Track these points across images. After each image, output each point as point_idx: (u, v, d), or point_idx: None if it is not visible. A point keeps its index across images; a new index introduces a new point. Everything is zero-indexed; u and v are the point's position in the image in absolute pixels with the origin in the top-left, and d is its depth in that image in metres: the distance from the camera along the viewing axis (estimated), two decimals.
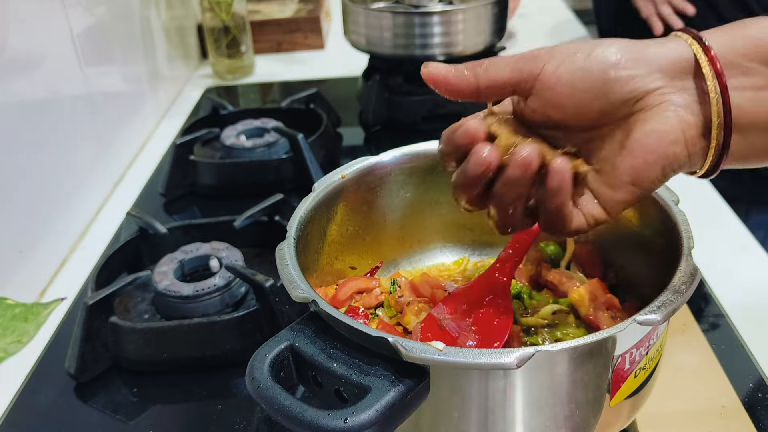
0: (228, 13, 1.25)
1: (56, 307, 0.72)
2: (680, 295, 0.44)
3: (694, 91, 0.41)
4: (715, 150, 0.41)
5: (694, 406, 0.58)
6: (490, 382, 0.43)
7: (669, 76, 0.41)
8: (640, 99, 0.41)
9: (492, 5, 1.03)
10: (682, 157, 0.41)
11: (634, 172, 0.42)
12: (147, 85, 1.17)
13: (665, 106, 0.41)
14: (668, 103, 0.41)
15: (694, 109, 0.41)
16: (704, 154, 0.42)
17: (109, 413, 0.61)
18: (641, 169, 0.42)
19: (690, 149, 0.41)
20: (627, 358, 0.45)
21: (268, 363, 0.43)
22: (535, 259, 0.64)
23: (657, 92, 0.41)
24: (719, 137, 0.41)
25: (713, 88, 0.40)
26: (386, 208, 0.64)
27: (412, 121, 1.05)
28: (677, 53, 0.41)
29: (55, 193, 0.84)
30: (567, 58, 0.42)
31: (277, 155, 0.96)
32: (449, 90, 0.44)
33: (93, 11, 0.97)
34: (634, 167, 0.42)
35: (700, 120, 0.41)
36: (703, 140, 0.41)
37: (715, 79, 0.40)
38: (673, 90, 0.41)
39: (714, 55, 0.40)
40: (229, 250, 0.72)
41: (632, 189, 0.42)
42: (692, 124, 0.41)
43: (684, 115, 0.41)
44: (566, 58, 0.42)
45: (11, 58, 0.77)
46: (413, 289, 0.60)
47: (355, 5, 1.05)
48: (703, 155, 0.42)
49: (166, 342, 0.64)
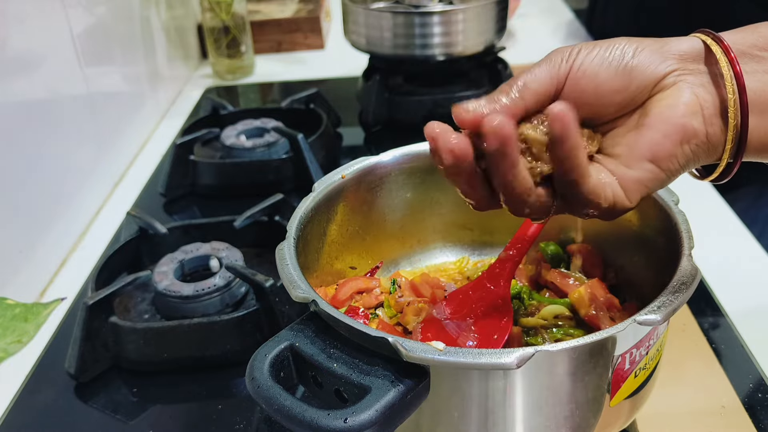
0: (228, 13, 1.25)
1: (56, 307, 0.72)
2: (680, 295, 0.44)
3: (707, 75, 0.42)
4: (734, 131, 0.41)
5: (694, 406, 0.58)
6: (490, 382, 0.43)
7: (683, 61, 0.42)
8: (657, 83, 0.42)
9: (492, 5, 1.03)
10: (701, 133, 0.41)
11: (652, 147, 0.41)
12: (147, 85, 1.17)
13: (681, 85, 0.42)
14: (684, 83, 0.42)
15: (710, 89, 0.42)
16: (723, 136, 0.42)
17: (109, 413, 0.61)
18: (659, 144, 0.41)
19: (708, 127, 0.41)
20: (627, 358, 0.45)
21: (268, 363, 0.43)
22: (535, 259, 0.64)
23: (673, 74, 0.42)
24: (737, 116, 0.41)
25: (726, 68, 0.41)
26: (386, 208, 0.64)
27: (412, 121, 1.06)
28: (689, 45, 0.43)
29: (55, 193, 0.84)
30: (588, 55, 0.43)
31: (277, 155, 0.96)
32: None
33: (93, 11, 0.97)
34: (652, 141, 0.41)
35: (716, 99, 0.42)
36: (720, 120, 0.42)
37: (727, 61, 0.41)
38: (688, 72, 0.42)
39: (726, 45, 0.42)
40: (229, 250, 0.72)
41: (650, 167, 0.41)
42: (709, 101, 0.42)
43: (700, 92, 0.42)
44: (587, 54, 0.43)
45: (11, 58, 0.77)
46: (413, 289, 0.60)
47: (355, 5, 1.05)
48: (722, 138, 0.42)
49: (166, 342, 0.64)
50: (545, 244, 0.64)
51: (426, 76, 1.08)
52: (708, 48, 0.42)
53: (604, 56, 0.42)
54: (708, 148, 0.42)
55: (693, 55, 0.42)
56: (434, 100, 1.05)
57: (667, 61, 0.42)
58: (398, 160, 0.63)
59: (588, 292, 0.56)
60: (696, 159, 0.42)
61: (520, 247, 0.59)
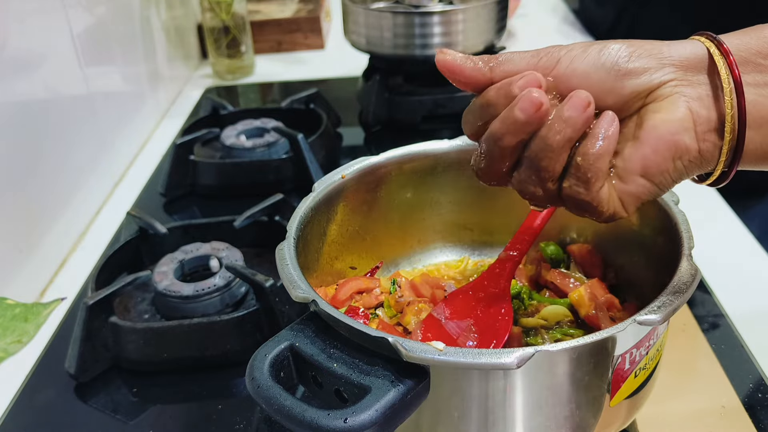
0: (228, 13, 1.25)
1: (56, 307, 0.72)
2: (680, 295, 0.44)
3: (707, 86, 0.41)
4: (729, 145, 0.41)
5: (694, 406, 0.58)
6: (490, 382, 0.43)
7: (682, 69, 0.41)
8: (652, 91, 0.41)
9: (492, 5, 1.03)
10: (693, 150, 0.41)
11: (644, 162, 0.41)
12: (147, 85, 1.17)
13: (677, 98, 0.41)
14: (680, 95, 0.41)
15: (707, 103, 0.41)
16: (717, 151, 0.41)
17: (109, 413, 0.61)
18: (651, 159, 0.41)
19: (700, 143, 0.41)
20: (627, 358, 0.45)
21: (268, 363, 0.43)
22: (535, 259, 0.64)
23: (669, 84, 0.41)
24: (733, 131, 0.40)
25: (727, 81, 0.40)
26: (386, 208, 0.64)
27: (412, 121, 1.05)
28: (690, 50, 0.41)
29: (55, 193, 0.84)
30: (581, 53, 0.42)
31: (277, 155, 0.96)
32: (462, 81, 0.43)
33: (93, 11, 0.97)
34: (644, 157, 0.41)
35: (712, 114, 0.41)
36: (714, 135, 0.41)
37: (729, 72, 0.40)
38: (686, 83, 0.41)
39: (728, 49, 0.40)
40: (229, 250, 0.72)
41: (643, 182, 0.41)
42: (704, 117, 0.41)
43: (696, 107, 0.41)
44: (580, 53, 0.42)
45: (11, 58, 0.77)
46: (413, 289, 0.60)
47: (355, 5, 1.05)
48: (716, 152, 0.41)
49: (166, 342, 0.64)
50: (545, 244, 0.64)
51: (426, 76, 1.08)
52: (710, 56, 0.41)
53: (597, 57, 0.41)
54: (701, 162, 0.42)
55: (694, 62, 0.41)
56: (434, 100, 1.05)
57: (665, 68, 0.41)
58: (398, 160, 0.63)
59: (588, 292, 0.56)
60: (688, 172, 0.42)
61: (520, 247, 0.59)
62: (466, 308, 0.55)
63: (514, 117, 0.40)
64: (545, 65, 0.42)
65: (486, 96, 0.42)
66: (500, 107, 0.41)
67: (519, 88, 0.40)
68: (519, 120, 0.40)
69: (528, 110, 0.40)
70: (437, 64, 0.43)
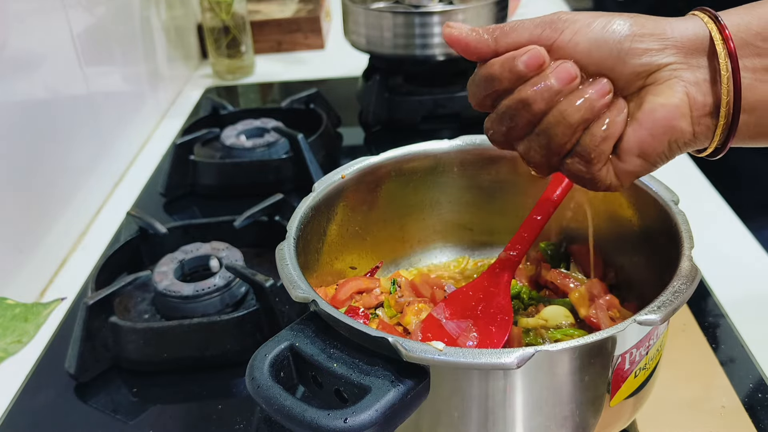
0: (228, 13, 1.25)
1: (56, 307, 0.72)
2: (680, 295, 0.44)
3: (706, 70, 0.42)
4: (723, 129, 0.42)
5: (694, 406, 0.58)
6: (490, 382, 0.43)
7: (682, 52, 0.42)
8: (653, 73, 0.42)
9: (492, 5, 1.03)
10: (688, 133, 0.42)
11: (641, 144, 0.43)
12: (147, 85, 1.17)
13: (675, 82, 0.42)
14: (678, 79, 0.42)
15: (704, 88, 0.42)
16: (711, 132, 0.42)
17: (109, 413, 0.61)
18: (647, 142, 0.42)
19: (696, 128, 0.42)
20: (627, 358, 0.45)
21: (268, 363, 0.43)
22: (535, 259, 0.64)
23: (669, 67, 0.42)
24: (728, 116, 0.41)
25: (725, 67, 0.41)
26: (386, 208, 0.64)
27: (412, 121, 1.05)
28: (692, 31, 0.42)
29: (55, 193, 0.84)
30: (584, 27, 0.42)
31: (277, 155, 0.96)
32: (467, 51, 0.44)
33: (93, 11, 0.97)
34: (641, 139, 0.42)
35: (708, 99, 0.42)
36: (710, 119, 0.42)
37: (728, 58, 0.41)
38: (685, 67, 0.42)
39: (728, 35, 0.41)
40: (229, 250, 0.72)
41: (639, 161, 0.43)
42: (700, 102, 0.42)
43: (693, 92, 0.42)
44: (584, 26, 0.42)
45: (11, 58, 0.77)
46: (413, 289, 0.60)
47: (355, 5, 1.05)
48: (710, 134, 0.43)
49: (166, 342, 0.64)
50: (545, 244, 0.64)
51: (426, 76, 1.08)
52: (711, 40, 0.41)
53: (601, 33, 0.42)
54: (695, 142, 0.43)
55: (696, 44, 0.42)
56: (434, 100, 1.05)
57: (666, 50, 0.42)
58: (398, 160, 0.63)
59: (588, 292, 0.56)
60: (682, 151, 0.44)
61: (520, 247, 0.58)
62: (466, 308, 0.55)
63: (548, 84, 0.42)
64: (548, 36, 0.43)
65: (490, 69, 0.43)
66: (505, 81, 0.43)
67: (522, 64, 0.42)
68: (553, 88, 0.42)
69: (564, 79, 0.42)
70: (444, 37, 0.45)
